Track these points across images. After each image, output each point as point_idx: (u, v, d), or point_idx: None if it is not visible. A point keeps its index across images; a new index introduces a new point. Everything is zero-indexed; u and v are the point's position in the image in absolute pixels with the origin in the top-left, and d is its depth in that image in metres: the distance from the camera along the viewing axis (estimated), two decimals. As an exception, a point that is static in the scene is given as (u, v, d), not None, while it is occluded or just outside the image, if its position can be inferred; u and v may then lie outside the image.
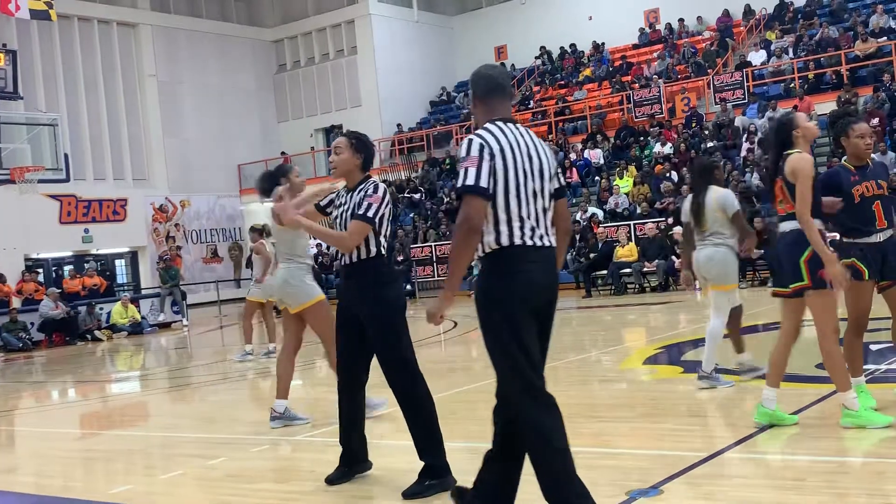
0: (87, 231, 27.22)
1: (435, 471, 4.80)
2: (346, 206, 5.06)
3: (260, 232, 13.05)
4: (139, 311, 21.61)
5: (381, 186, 5.09)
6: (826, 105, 22.56)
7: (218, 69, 32.56)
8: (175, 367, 14.31)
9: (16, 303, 21.49)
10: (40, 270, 25.17)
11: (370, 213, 4.95)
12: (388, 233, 5.11)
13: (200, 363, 14.12)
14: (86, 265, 25.67)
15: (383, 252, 5.06)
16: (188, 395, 10.59)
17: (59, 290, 21.14)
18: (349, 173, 5.12)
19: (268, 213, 6.77)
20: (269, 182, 7.07)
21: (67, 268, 25.68)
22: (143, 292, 25.75)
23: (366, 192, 5.03)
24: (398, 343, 4.93)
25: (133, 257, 29.52)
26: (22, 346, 19.07)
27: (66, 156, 20.67)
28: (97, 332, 20.30)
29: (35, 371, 15.57)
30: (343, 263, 5.09)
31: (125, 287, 28.38)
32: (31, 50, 27.19)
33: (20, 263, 24.72)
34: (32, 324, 19.93)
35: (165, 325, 22.18)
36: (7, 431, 8.98)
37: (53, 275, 26.46)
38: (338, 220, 5.11)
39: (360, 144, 5.12)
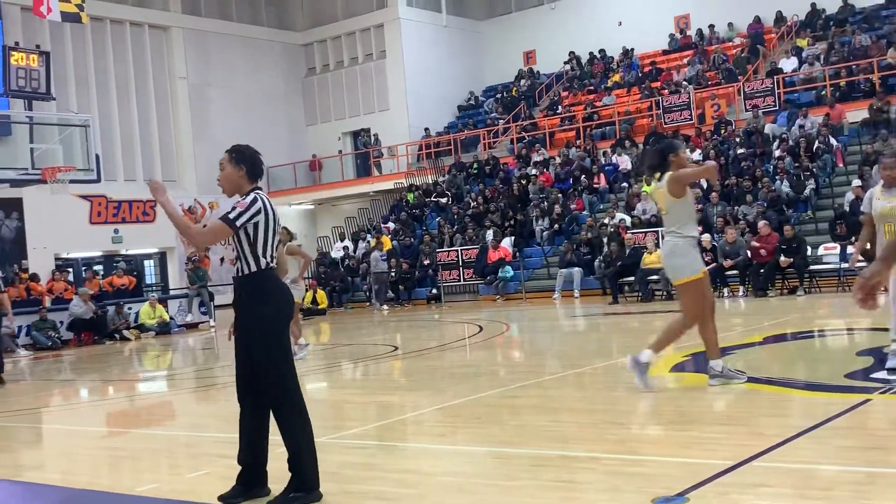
0: (116, 231, 27.49)
1: (297, 485, 4.90)
2: None
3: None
4: (167, 312, 21.78)
5: (258, 198, 4.95)
6: (858, 113, 22.34)
7: (247, 72, 32.80)
8: (202, 367, 14.40)
9: (46, 302, 21.71)
10: (70, 270, 25.43)
11: (231, 216, 4.89)
12: (273, 247, 4.97)
13: (227, 363, 14.17)
14: (115, 265, 25.91)
15: (268, 266, 4.95)
16: (214, 395, 10.64)
17: (92, 292, 21.33)
18: (238, 187, 5.04)
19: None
20: (657, 158, 7.24)
21: (97, 267, 25.94)
22: (171, 293, 25.96)
23: (240, 200, 4.96)
24: (265, 358, 4.94)
25: (162, 258, 29.78)
26: (51, 345, 19.28)
27: (97, 157, 20.84)
28: (125, 332, 20.48)
29: (63, 369, 15.72)
30: (233, 277, 5.08)
31: (153, 287, 28.62)
32: (64, 51, 27.53)
33: (51, 263, 25.01)
34: (62, 322, 20.13)
35: (193, 326, 22.33)
36: (35, 429, 9.07)
37: (83, 274, 26.74)
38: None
39: (240, 156, 5.03)
